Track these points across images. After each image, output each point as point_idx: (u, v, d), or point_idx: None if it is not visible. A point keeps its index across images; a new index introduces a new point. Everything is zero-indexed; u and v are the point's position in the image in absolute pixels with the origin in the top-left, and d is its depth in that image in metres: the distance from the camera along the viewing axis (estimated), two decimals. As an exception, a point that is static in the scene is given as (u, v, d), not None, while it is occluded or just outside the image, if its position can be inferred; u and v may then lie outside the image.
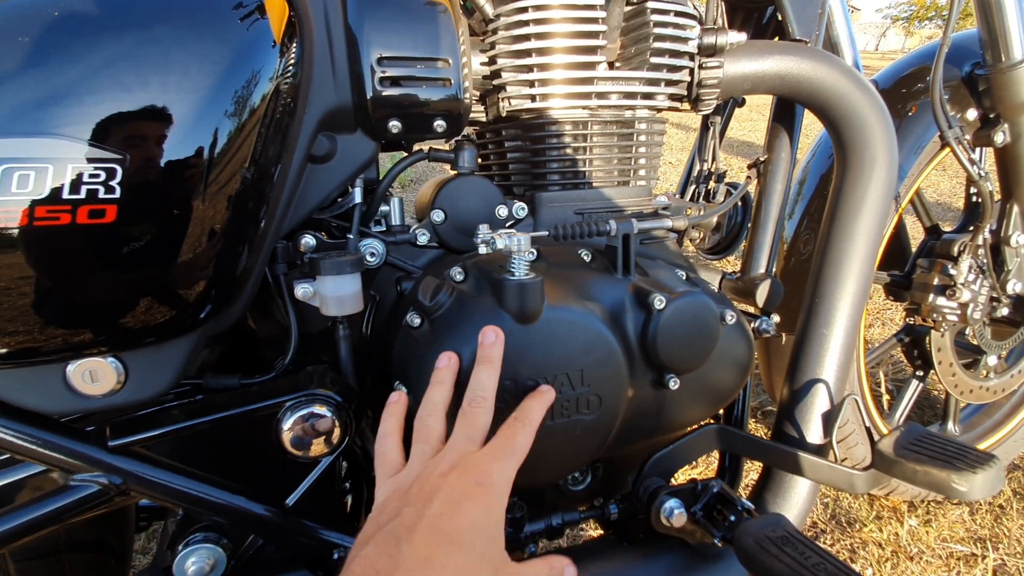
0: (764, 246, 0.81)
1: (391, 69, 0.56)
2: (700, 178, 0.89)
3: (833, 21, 0.90)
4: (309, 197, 0.58)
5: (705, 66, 0.69)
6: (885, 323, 2.01)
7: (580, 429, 0.56)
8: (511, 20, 0.63)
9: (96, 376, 0.47)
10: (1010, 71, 0.92)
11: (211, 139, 0.44)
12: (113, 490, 0.50)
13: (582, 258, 0.63)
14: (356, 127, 0.59)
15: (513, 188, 0.72)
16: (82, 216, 0.40)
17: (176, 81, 0.42)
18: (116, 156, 0.40)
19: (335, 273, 0.54)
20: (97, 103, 0.40)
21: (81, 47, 0.40)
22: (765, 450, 0.68)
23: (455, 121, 0.60)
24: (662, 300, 0.57)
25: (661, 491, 0.64)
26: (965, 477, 0.55)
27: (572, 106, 0.66)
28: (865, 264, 0.70)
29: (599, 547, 0.70)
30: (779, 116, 0.81)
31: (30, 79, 0.39)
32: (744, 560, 0.55)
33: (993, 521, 1.20)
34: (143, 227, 0.43)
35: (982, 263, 1.03)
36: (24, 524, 0.50)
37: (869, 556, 1.12)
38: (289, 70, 0.49)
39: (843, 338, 0.70)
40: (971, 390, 1.17)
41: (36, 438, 0.48)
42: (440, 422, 0.46)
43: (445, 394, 0.48)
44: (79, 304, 0.44)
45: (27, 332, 0.43)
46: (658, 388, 0.61)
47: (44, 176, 0.39)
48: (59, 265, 0.42)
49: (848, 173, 0.71)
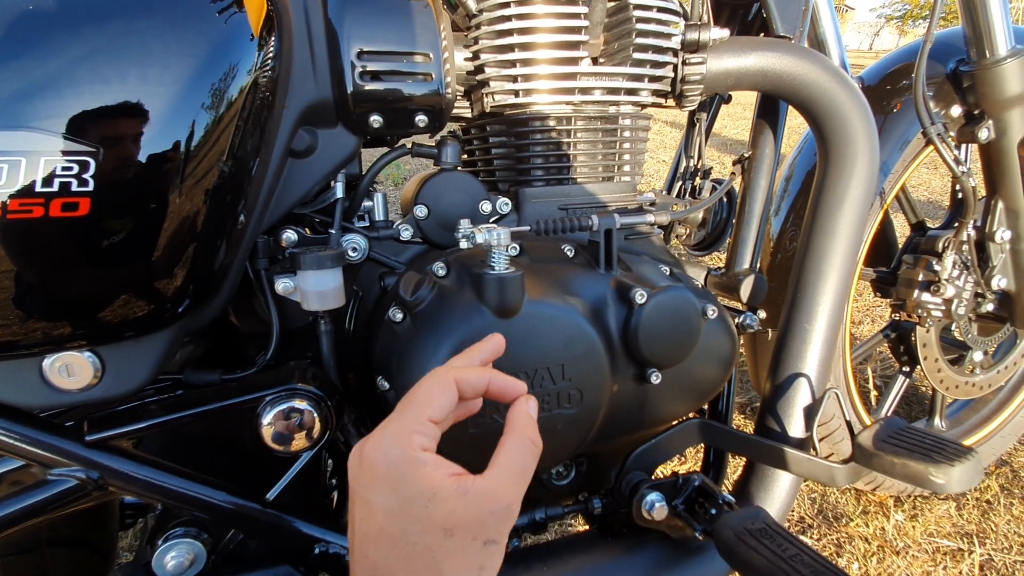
0: (748, 242, 0.81)
1: (372, 63, 0.56)
2: (686, 174, 0.89)
3: (819, 18, 0.90)
4: (290, 192, 0.58)
5: (688, 62, 0.69)
6: (875, 319, 2.02)
7: (562, 423, 0.56)
8: (494, 15, 0.63)
9: (72, 370, 0.47)
10: (994, 67, 0.93)
11: (187, 133, 0.44)
12: (91, 485, 0.50)
13: (565, 253, 0.64)
14: (337, 122, 0.58)
15: (498, 184, 0.72)
16: (55, 209, 0.40)
17: (151, 74, 0.42)
18: (89, 149, 0.40)
19: (316, 268, 0.54)
20: (71, 96, 0.40)
21: (55, 40, 0.40)
22: (747, 444, 0.68)
23: (437, 116, 0.60)
24: (643, 295, 0.58)
25: (643, 485, 0.65)
26: (943, 470, 0.55)
27: (556, 101, 0.66)
28: (846, 260, 0.71)
29: (582, 541, 0.70)
30: (763, 112, 0.82)
31: (3, 72, 0.39)
32: (723, 552, 0.55)
33: (980, 516, 1.21)
34: (118, 220, 0.43)
35: (966, 259, 1.04)
36: (3, 518, 0.50)
37: (855, 551, 1.13)
38: (268, 63, 0.49)
39: (825, 333, 0.71)
40: (957, 385, 1.18)
41: (13, 432, 0.48)
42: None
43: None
44: (54, 298, 0.44)
45: (3, 326, 0.43)
46: (640, 382, 0.61)
47: (16, 169, 0.39)
48: (33, 258, 0.41)
49: (830, 170, 0.71)
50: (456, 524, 0.34)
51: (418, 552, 0.34)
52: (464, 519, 0.34)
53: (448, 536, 0.34)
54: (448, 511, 0.34)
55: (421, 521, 0.34)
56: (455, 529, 0.34)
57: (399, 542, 0.34)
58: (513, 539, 0.66)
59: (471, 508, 0.34)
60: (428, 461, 0.35)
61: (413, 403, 0.38)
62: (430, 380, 0.39)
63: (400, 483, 0.35)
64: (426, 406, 0.38)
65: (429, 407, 0.38)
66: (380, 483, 0.35)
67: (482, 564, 0.35)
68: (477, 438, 0.51)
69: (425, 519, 0.34)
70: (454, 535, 0.34)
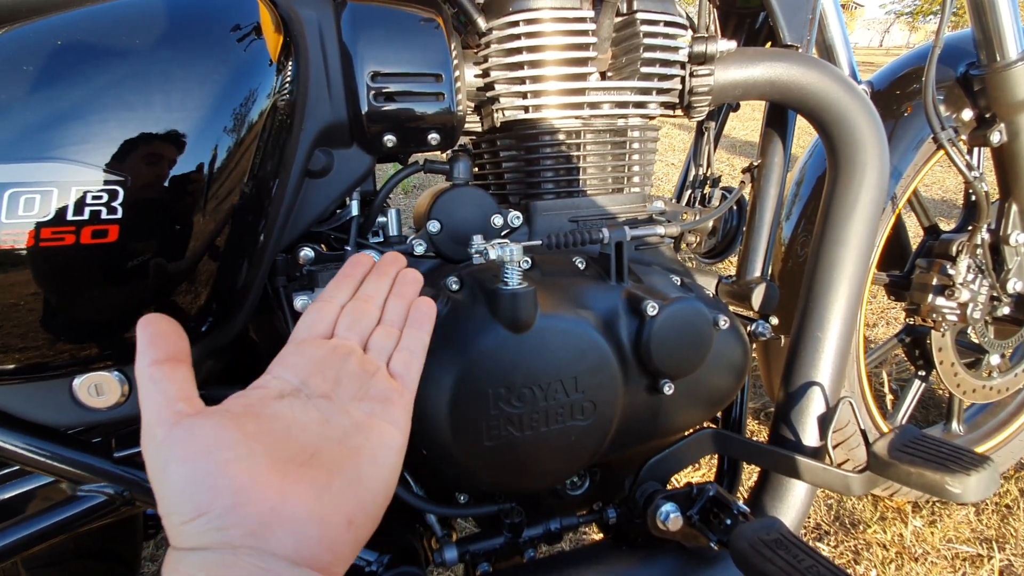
0: (759, 250, 0.81)
1: (385, 85, 0.57)
2: (696, 183, 0.90)
3: (827, 25, 0.91)
4: (307, 211, 0.60)
5: (696, 74, 0.70)
6: (889, 322, 2.00)
7: (575, 434, 0.57)
8: (503, 34, 0.65)
9: (101, 390, 0.49)
10: (1005, 71, 0.92)
11: (210, 157, 0.46)
12: (119, 500, 0.51)
13: (576, 266, 0.64)
14: (352, 142, 0.60)
15: (509, 197, 0.73)
16: (86, 236, 0.41)
17: (175, 103, 0.44)
18: (118, 178, 0.42)
19: (333, 285, 0.56)
20: (99, 128, 0.42)
21: (82, 74, 0.42)
22: (761, 453, 0.69)
23: (449, 134, 0.62)
24: (655, 306, 0.58)
25: (657, 495, 0.65)
26: (959, 479, 0.55)
27: (565, 116, 0.67)
28: (858, 268, 0.71)
29: (597, 551, 0.70)
30: (772, 121, 0.82)
31: (34, 106, 0.40)
32: (739, 563, 0.56)
33: (999, 521, 1.20)
34: (145, 245, 0.44)
35: (981, 263, 1.03)
36: (34, 534, 0.51)
37: (873, 557, 1.12)
38: (286, 88, 0.50)
39: (838, 341, 0.71)
40: (974, 389, 1.17)
41: (44, 450, 0.49)
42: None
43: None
44: (84, 320, 0.45)
45: (35, 348, 0.45)
46: (653, 393, 0.61)
47: (49, 199, 0.40)
48: (64, 284, 0.43)
49: (839, 177, 0.71)
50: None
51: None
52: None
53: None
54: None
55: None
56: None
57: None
58: (528, 549, 0.67)
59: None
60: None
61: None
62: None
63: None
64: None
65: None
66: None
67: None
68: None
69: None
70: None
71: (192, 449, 0.34)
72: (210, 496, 0.32)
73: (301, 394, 0.41)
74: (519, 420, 0.54)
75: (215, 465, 0.33)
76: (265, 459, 0.35)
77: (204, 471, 0.33)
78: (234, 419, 0.36)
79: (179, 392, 0.37)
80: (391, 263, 0.53)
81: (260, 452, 0.35)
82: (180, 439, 0.34)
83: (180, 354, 0.39)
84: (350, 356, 0.44)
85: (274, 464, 0.35)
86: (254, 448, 0.35)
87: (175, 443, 0.34)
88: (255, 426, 0.36)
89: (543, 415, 0.55)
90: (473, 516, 0.68)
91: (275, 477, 0.34)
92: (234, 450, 0.34)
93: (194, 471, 0.33)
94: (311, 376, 0.42)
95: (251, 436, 0.35)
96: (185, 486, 0.33)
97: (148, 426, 0.35)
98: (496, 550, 0.65)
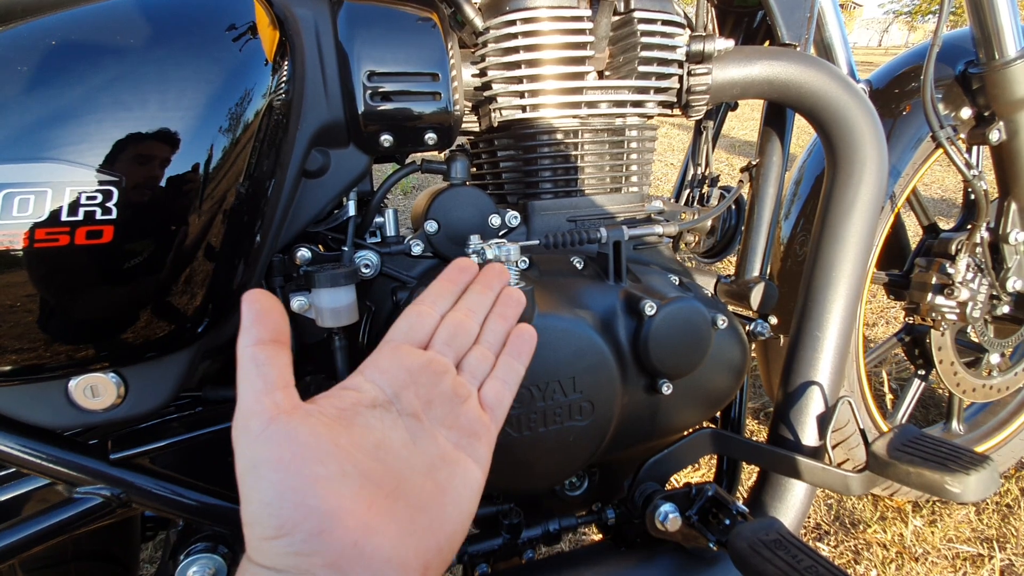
0: (758, 249, 0.81)
1: (382, 84, 0.57)
2: (694, 182, 0.89)
3: (825, 24, 0.90)
4: (304, 211, 0.59)
5: (694, 73, 0.70)
6: (888, 322, 2.00)
7: (573, 435, 0.57)
8: (500, 33, 0.64)
9: (97, 391, 0.48)
10: (1004, 68, 0.92)
11: (206, 157, 0.46)
12: (115, 502, 0.51)
13: (574, 266, 0.64)
14: (348, 142, 0.60)
15: (507, 197, 0.73)
16: (80, 237, 0.41)
17: (170, 103, 0.44)
18: (112, 178, 0.42)
19: (330, 285, 0.55)
20: (94, 128, 0.41)
21: (77, 74, 0.41)
22: (759, 453, 0.68)
23: (446, 133, 0.61)
24: (653, 306, 0.58)
25: (656, 495, 0.65)
26: (958, 479, 0.55)
27: (562, 115, 0.67)
28: (857, 266, 0.70)
29: (596, 552, 0.70)
30: (770, 120, 0.82)
31: (28, 106, 0.40)
32: (738, 563, 0.55)
33: (1000, 521, 1.19)
34: (140, 245, 0.44)
35: (980, 261, 1.03)
36: (31, 536, 0.51)
37: (873, 557, 1.12)
38: (282, 87, 0.50)
39: (836, 340, 0.71)
40: (974, 388, 1.16)
41: (40, 452, 0.49)
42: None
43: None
44: (80, 321, 0.45)
45: (30, 349, 0.45)
46: (651, 393, 0.61)
47: (43, 200, 0.40)
48: (59, 284, 0.43)
49: (838, 176, 0.71)
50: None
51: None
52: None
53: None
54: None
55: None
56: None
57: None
58: (527, 550, 0.66)
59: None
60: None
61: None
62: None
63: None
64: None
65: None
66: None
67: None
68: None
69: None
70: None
71: (287, 455, 0.32)
72: (298, 516, 0.31)
73: (392, 408, 0.38)
74: (517, 421, 0.54)
75: (307, 481, 0.31)
76: (355, 482, 0.33)
77: (295, 485, 0.31)
78: (328, 427, 0.34)
79: (279, 379, 0.35)
80: (497, 277, 0.48)
81: (351, 472, 0.33)
82: (275, 439, 0.32)
83: (283, 336, 0.37)
84: (445, 375, 0.41)
85: (362, 490, 0.33)
86: (345, 467, 0.33)
87: (270, 442, 0.32)
88: (347, 439, 0.34)
89: (541, 416, 0.55)
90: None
91: (362, 506, 0.32)
92: (327, 466, 0.32)
93: (285, 482, 0.31)
94: (404, 389, 0.39)
95: (343, 451, 0.33)
96: (273, 498, 0.31)
97: (243, 415, 0.33)
98: (495, 551, 0.65)
